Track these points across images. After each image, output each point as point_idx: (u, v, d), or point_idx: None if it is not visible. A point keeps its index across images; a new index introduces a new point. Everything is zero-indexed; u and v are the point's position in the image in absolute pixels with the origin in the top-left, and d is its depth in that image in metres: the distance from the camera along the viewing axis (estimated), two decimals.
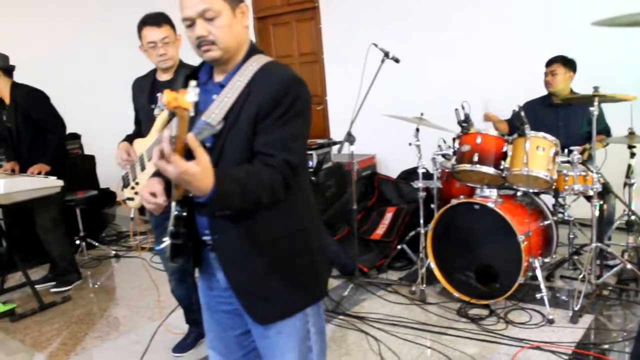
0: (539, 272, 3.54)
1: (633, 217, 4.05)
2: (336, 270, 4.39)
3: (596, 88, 3.53)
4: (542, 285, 3.51)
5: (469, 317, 3.54)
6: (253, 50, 1.72)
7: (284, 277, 1.72)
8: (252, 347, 1.91)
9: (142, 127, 3.18)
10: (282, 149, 1.58)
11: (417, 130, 4.03)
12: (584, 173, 3.67)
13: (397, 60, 3.99)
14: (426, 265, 3.90)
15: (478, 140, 3.70)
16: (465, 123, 3.83)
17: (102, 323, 3.95)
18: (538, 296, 3.51)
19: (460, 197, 3.77)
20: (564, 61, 4.39)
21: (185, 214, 1.63)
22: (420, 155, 3.98)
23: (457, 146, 3.85)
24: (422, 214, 4.08)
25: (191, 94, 1.27)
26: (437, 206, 4.05)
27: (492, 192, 3.76)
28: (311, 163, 5.28)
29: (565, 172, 3.72)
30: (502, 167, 3.67)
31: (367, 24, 6.35)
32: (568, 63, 4.39)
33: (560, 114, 4.42)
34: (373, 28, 6.16)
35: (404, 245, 4.38)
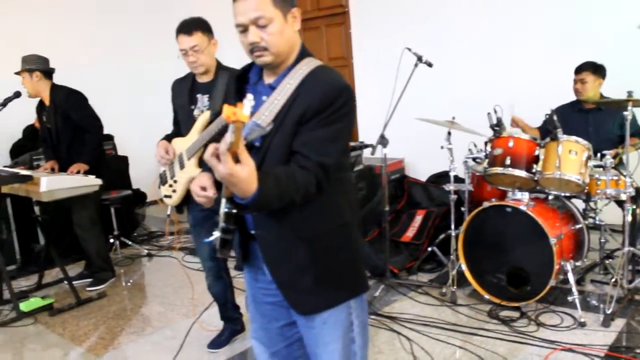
0: (570, 275, 3.55)
1: None
2: (367, 272, 4.43)
3: (630, 93, 3.54)
4: (574, 289, 3.52)
5: (499, 319, 3.56)
6: (304, 54, 1.76)
7: (324, 270, 1.76)
8: (295, 339, 1.97)
9: (181, 127, 3.26)
10: (318, 151, 1.63)
11: (449, 133, 4.07)
12: (616, 177, 3.68)
13: (430, 65, 4.04)
14: (457, 267, 3.93)
15: (510, 144, 3.74)
16: (498, 127, 3.86)
17: (137, 319, 4.04)
18: (570, 299, 3.52)
19: (492, 200, 3.80)
20: (594, 68, 4.38)
21: (234, 210, 1.70)
22: (452, 158, 4.02)
23: (489, 149, 3.88)
24: (453, 217, 4.11)
25: (247, 108, 1.32)
26: (468, 209, 4.09)
27: (523, 195, 3.79)
28: None
29: (597, 176, 3.74)
30: (534, 170, 3.70)
31: (397, 28, 6.39)
32: (597, 70, 4.38)
33: (590, 119, 4.42)
34: (403, 32, 6.20)
35: (434, 248, 4.42)
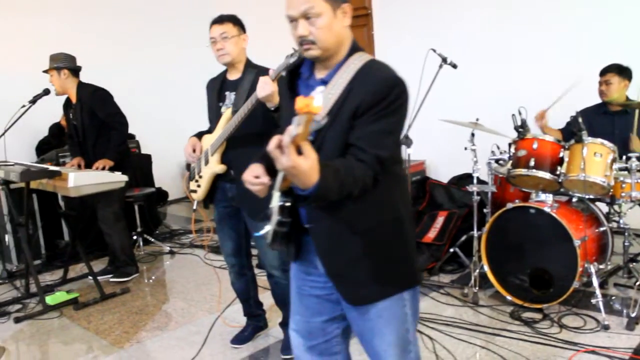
0: (594, 278, 3.53)
1: None
2: None
3: None
4: (598, 291, 3.50)
5: (522, 320, 3.56)
6: (355, 49, 1.78)
7: (377, 263, 1.78)
8: (335, 334, 1.99)
9: (211, 124, 3.30)
10: (374, 144, 1.65)
11: (473, 135, 4.08)
12: None
13: (455, 66, 4.05)
14: (479, 268, 3.93)
15: (534, 146, 3.73)
16: (522, 128, 3.86)
17: (160, 314, 4.09)
18: (593, 301, 3.51)
19: (516, 202, 3.80)
20: (619, 70, 4.36)
21: (289, 204, 1.73)
22: (476, 159, 4.01)
23: (512, 151, 3.88)
24: (475, 218, 4.11)
25: (319, 99, 1.33)
26: (491, 211, 4.09)
27: (547, 197, 3.79)
28: None
29: (622, 179, 3.72)
30: (558, 172, 3.69)
31: (420, 29, 6.40)
32: (623, 72, 4.36)
33: (616, 121, 4.40)
34: (426, 34, 6.21)
35: (456, 249, 4.43)
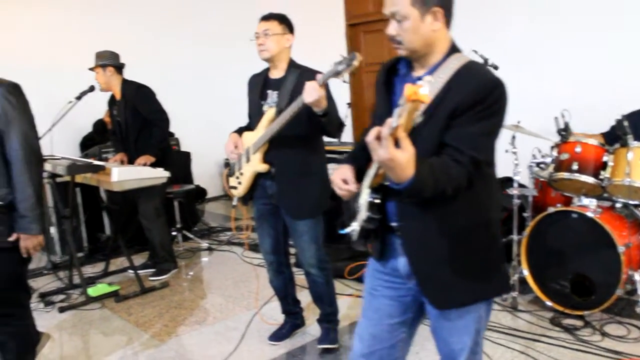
0: (639, 286, 3.47)
1: None
2: None
3: None
4: None
5: (562, 327, 3.50)
6: (454, 49, 1.79)
7: (466, 266, 1.78)
8: (400, 339, 1.99)
9: (251, 121, 3.33)
10: (471, 146, 1.65)
11: (514, 137, 4.03)
12: None
13: (497, 67, 4.00)
14: (519, 273, 3.88)
15: (577, 149, 3.68)
16: (565, 131, 3.81)
17: (199, 309, 4.15)
18: (638, 310, 3.44)
19: (557, 206, 3.74)
20: None
21: (379, 200, 1.74)
22: (517, 162, 3.97)
23: (555, 154, 3.83)
24: (515, 222, 4.07)
25: (426, 88, 1.34)
26: (531, 215, 4.03)
27: (591, 202, 3.72)
28: None
29: None
30: (601, 176, 3.63)
31: (460, 30, 6.30)
32: None
33: None
34: (465, 34, 6.09)
35: None
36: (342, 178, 1.83)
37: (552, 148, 3.91)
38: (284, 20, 3.14)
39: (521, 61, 5.78)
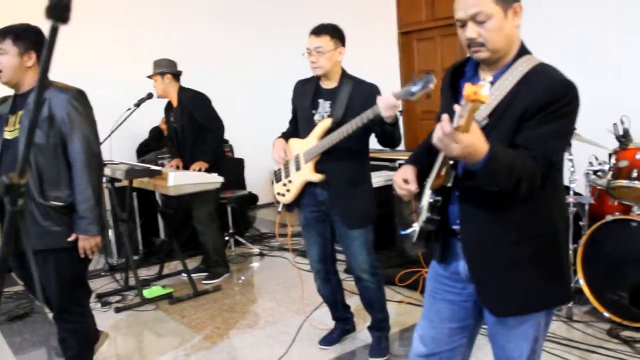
0: None
1: None
2: None
3: None
4: None
5: (620, 339, 3.40)
6: (523, 51, 1.77)
7: (529, 274, 1.75)
8: (460, 344, 1.98)
9: (298, 128, 3.34)
10: (544, 146, 1.63)
11: (570, 145, 3.94)
12: None
13: None
14: (574, 282, 3.79)
15: (638, 156, 3.58)
16: (624, 138, 3.71)
17: (250, 313, 4.20)
18: None
19: (615, 214, 3.64)
20: None
21: (439, 202, 1.75)
22: (573, 169, 3.89)
23: (613, 162, 3.73)
24: (571, 231, 3.97)
25: (486, 88, 1.34)
26: (587, 224, 3.93)
27: None
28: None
29: None
30: None
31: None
32: None
33: None
34: (522, 33, 6.05)
35: None
36: (403, 178, 1.83)
37: (610, 155, 3.81)
38: (335, 34, 3.12)
39: (579, 65, 5.66)
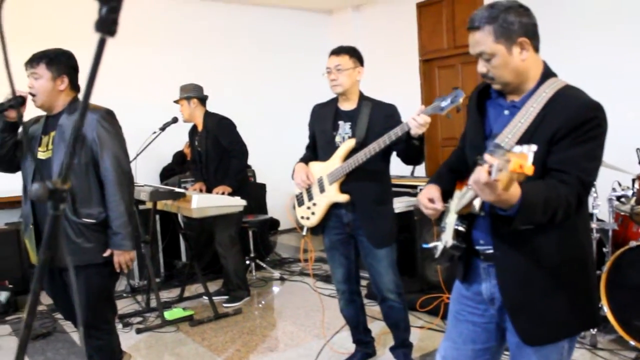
0: None
1: None
2: None
3: None
4: None
5: None
6: (547, 75, 1.80)
7: (561, 300, 1.76)
8: None
9: (318, 151, 3.39)
10: (576, 167, 1.64)
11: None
12: None
13: None
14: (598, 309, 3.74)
15: None
16: None
17: (271, 336, 4.21)
18: None
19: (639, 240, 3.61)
20: None
21: (465, 228, 1.79)
22: (596, 195, 3.87)
23: (637, 187, 3.71)
24: (594, 257, 3.94)
25: (531, 157, 1.35)
26: (611, 250, 3.90)
27: None
28: None
29: None
30: None
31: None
32: None
33: None
34: (543, 56, 6.06)
35: None
36: (429, 197, 1.86)
37: (633, 181, 3.79)
38: (354, 54, 3.21)
39: (600, 89, 5.64)
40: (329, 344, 3.87)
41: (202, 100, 4.92)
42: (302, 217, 3.41)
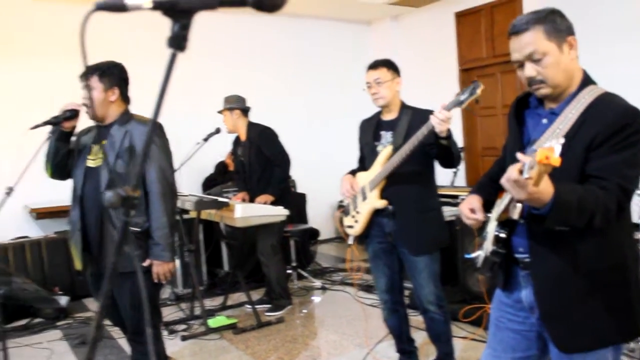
0: None
1: None
2: None
3: None
4: None
5: None
6: (587, 81, 1.79)
7: (598, 308, 1.74)
8: None
9: (365, 163, 3.43)
10: (616, 174, 1.62)
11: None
12: None
13: None
14: None
15: None
16: None
17: (313, 345, 4.24)
18: None
19: None
20: None
21: (504, 235, 1.79)
22: None
23: None
24: None
25: (558, 150, 1.35)
26: None
27: None
28: None
29: None
30: None
31: None
32: None
33: None
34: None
35: None
36: (470, 207, 1.88)
37: None
38: (390, 65, 3.28)
39: (631, 95, 5.56)
40: (371, 353, 3.88)
41: (245, 111, 5.00)
42: (348, 226, 3.45)
